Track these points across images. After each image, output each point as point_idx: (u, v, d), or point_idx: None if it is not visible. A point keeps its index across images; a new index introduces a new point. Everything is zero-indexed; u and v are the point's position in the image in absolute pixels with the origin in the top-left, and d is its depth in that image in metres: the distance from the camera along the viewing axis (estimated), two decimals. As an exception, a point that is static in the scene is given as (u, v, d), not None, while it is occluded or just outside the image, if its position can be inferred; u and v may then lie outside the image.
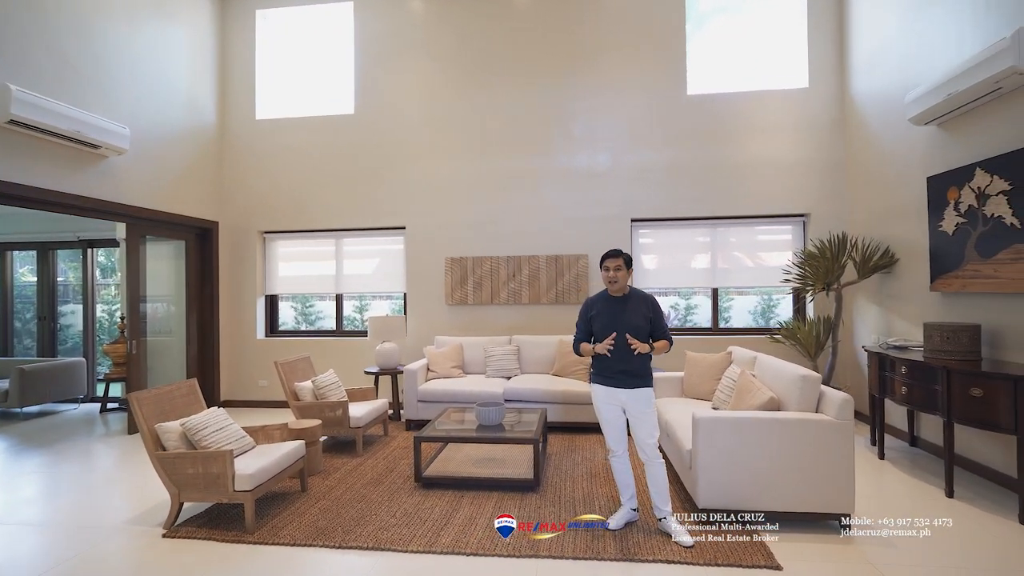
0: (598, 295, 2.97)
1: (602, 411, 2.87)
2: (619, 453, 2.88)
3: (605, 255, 2.87)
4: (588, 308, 2.94)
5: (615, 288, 2.85)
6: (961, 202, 3.57)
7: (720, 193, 5.37)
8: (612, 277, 2.82)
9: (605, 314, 2.85)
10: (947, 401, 3.17)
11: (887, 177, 4.47)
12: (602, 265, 2.86)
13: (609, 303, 2.88)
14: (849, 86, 5.06)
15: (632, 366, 2.77)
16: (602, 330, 2.82)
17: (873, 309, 4.74)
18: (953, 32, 3.66)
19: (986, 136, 3.39)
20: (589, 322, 2.91)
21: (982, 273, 3.41)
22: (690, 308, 6.30)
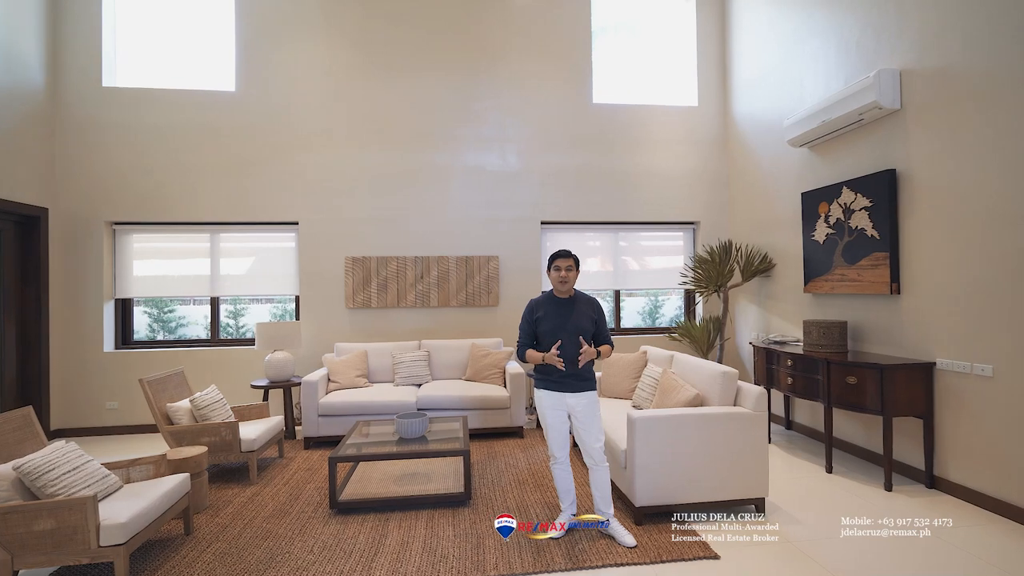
0: (543, 297, 2.88)
1: (548, 417, 2.79)
2: (562, 460, 2.82)
3: (555, 255, 2.79)
4: (533, 310, 2.83)
5: (565, 289, 2.79)
6: (830, 215, 4.11)
7: (622, 199, 5.63)
8: (564, 277, 2.76)
9: (552, 316, 2.76)
10: (827, 389, 3.62)
11: (767, 191, 5.04)
12: (552, 265, 2.79)
13: (556, 305, 2.80)
14: (732, 107, 5.62)
15: (580, 369, 2.73)
16: (549, 333, 2.74)
17: (753, 309, 5.30)
18: (823, 68, 4.22)
19: (851, 159, 3.95)
20: (534, 324, 2.80)
21: (848, 277, 3.96)
22: None
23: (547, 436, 2.83)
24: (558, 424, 2.78)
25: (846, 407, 3.52)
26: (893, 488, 3.33)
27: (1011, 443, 2.88)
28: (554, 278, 2.78)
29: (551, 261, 2.80)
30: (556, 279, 2.77)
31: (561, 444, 2.80)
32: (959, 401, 3.17)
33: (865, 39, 3.79)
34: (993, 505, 2.97)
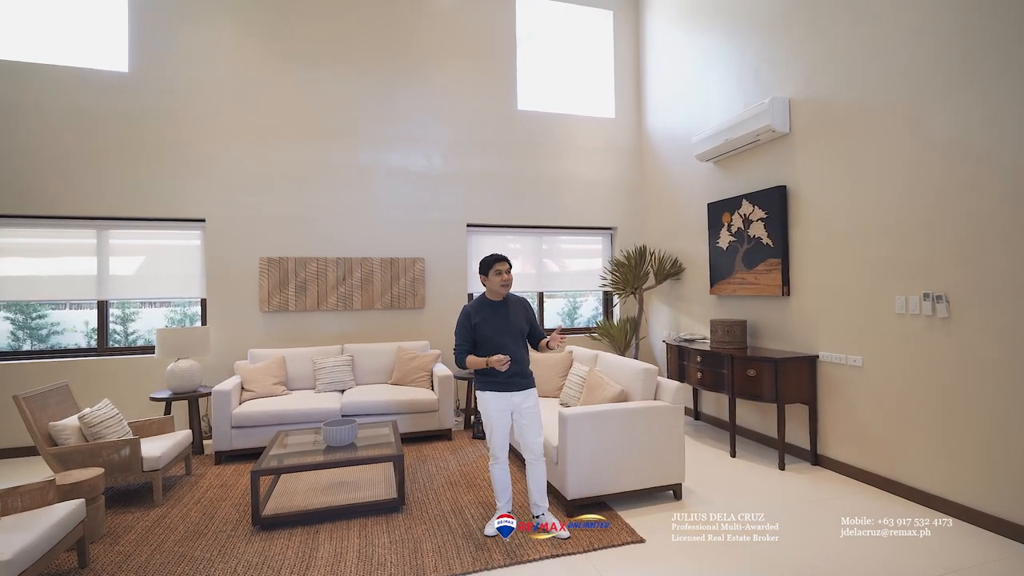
0: (475, 302, 2.92)
1: (494, 419, 2.82)
2: (502, 460, 2.88)
3: (495, 258, 2.86)
4: (469, 316, 2.85)
5: (506, 292, 2.85)
6: (732, 224, 4.56)
7: (545, 204, 5.82)
8: (507, 280, 2.84)
9: (490, 320, 2.82)
10: (731, 381, 4.01)
11: (677, 200, 5.46)
12: (492, 269, 2.84)
13: (491, 309, 2.87)
14: (646, 121, 6.02)
15: (524, 367, 2.83)
16: (490, 336, 2.79)
17: (665, 309, 5.72)
18: (726, 91, 4.66)
19: (750, 175, 4.41)
20: (472, 330, 2.83)
21: (747, 280, 4.41)
22: None
23: (491, 438, 2.85)
24: (503, 424, 2.84)
25: (747, 397, 3.92)
26: (786, 467, 3.76)
27: (875, 423, 3.38)
28: (495, 282, 2.83)
29: (490, 264, 2.84)
30: (498, 283, 2.82)
31: (503, 445, 2.87)
32: (837, 388, 3.66)
33: (762, 69, 4.25)
34: (861, 475, 3.46)
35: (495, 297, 2.88)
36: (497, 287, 2.83)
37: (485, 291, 2.93)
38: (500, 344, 2.78)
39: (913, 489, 3.15)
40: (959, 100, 2.88)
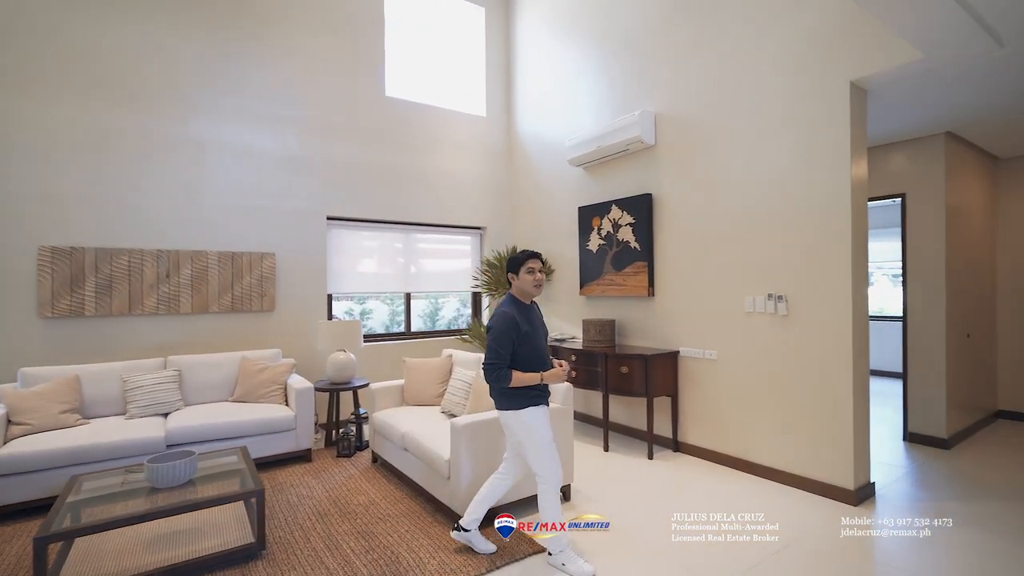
0: (514, 307, 2.48)
1: (548, 434, 2.48)
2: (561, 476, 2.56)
3: (526, 255, 2.50)
4: (517, 325, 2.40)
5: (537, 293, 2.55)
6: (602, 228, 4.78)
7: (415, 199, 5.48)
8: (540, 280, 2.51)
9: (532, 328, 2.48)
10: (605, 379, 4.17)
11: (548, 202, 5.57)
12: (524, 267, 2.48)
13: (527, 314, 2.51)
14: (516, 123, 6.05)
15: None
16: (539, 348, 2.47)
17: (534, 310, 5.79)
18: (596, 100, 4.88)
19: (619, 182, 4.65)
20: (520, 341, 2.41)
21: (615, 282, 4.65)
22: (365, 312, 6.17)
23: (549, 458, 2.45)
24: (552, 437, 2.51)
25: (620, 393, 4.11)
26: (654, 456, 4.02)
27: (728, 409, 3.78)
28: (527, 281, 2.48)
29: (521, 262, 2.49)
30: (531, 282, 2.49)
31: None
32: (695, 380, 4.02)
33: (630, 82, 4.52)
34: (717, 457, 3.85)
35: (525, 300, 2.55)
36: (529, 287, 2.50)
37: (512, 293, 2.55)
38: (544, 357, 2.49)
39: (759, 465, 3.58)
40: (789, 132, 3.34)
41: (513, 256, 2.54)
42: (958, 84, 3.24)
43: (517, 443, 2.51)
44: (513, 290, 2.54)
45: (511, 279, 2.53)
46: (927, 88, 3.28)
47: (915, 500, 3.20)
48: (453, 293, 6.19)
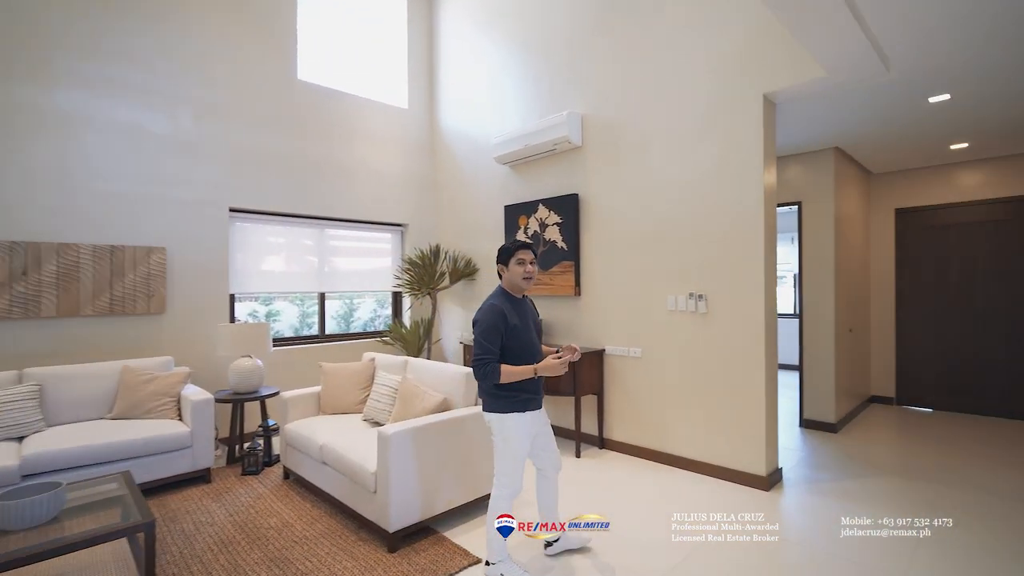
0: (502, 300, 2.33)
1: (520, 445, 2.32)
2: (518, 490, 2.38)
3: (517, 246, 2.35)
4: (504, 317, 2.25)
5: (527, 286, 2.40)
6: (529, 228, 4.75)
7: (331, 193, 5.12)
8: (531, 272, 2.36)
9: (522, 322, 2.33)
10: (533, 379, 4.13)
11: (473, 200, 5.45)
12: (514, 257, 2.34)
13: (517, 307, 2.36)
14: (440, 117, 5.86)
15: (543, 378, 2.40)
16: (529, 343, 2.33)
17: (458, 310, 5.64)
18: (523, 99, 4.84)
19: (546, 181, 4.65)
20: (507, 335, 2.26)
21: (542, 282, 4.64)
22: (272, 313, 5.68)
23: (513, 469, 2.32)
24: (526, 451, 2.38)
25: (548, 393, 4.08)
26: (581, 455, 4.05)
27: (651, 405, 3.90)
28: (517, 273, 2.34)
29: (511, 253, 2.34)
30: (520, 274, 2.34)
31: (522, 474, 2.38)
32: (620, 378, 4.11)
33: (557, 83, 4.53)
34: (641, 452, 3.96)
35: (516, 293, 2.40)
36: (519, 280, 2.35)
37: (502, 286, 2.41)
38: (536, 352, 2.36)
39: (680, 457, 3.72)
40: (709, 139, 3.52)
41: (503, 246, 2.40)
42: (846, 104, 3.59)
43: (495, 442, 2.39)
44: (503, 283, 2.42)
45: (500, 271, 2.41)
46: (822, 106, 3.60)
47: (815, 482, 3.49)
48: (369, 293, 5.87)
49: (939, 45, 2.72)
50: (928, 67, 2.98)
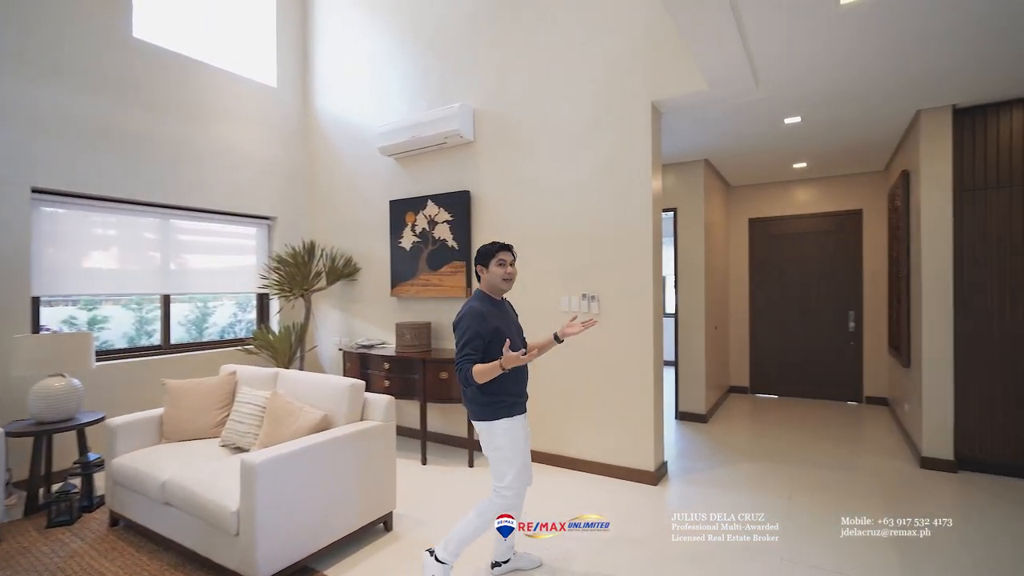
0: (482, 302, 2.26)
1: (521, 449, 2.23)
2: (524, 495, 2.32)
3: (497, 247, 2.30)
4: (485, 319, 2.18)
5: (508, 288, 2.32)
6: (417, 225, 4.45)
7: (179, 177, 4.33)
8: (511, 274, 2.30)
9: (504, 324, 2.26)
10: (424, 386, 3.86)
11: (354, 194, 4.98)
12: (494, 259, 2.28)
13: (498, 309, 2.30)
14: (315, 101, 5.29)
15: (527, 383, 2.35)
16: (514, 346, 2.19)
17: (337, 314, 5.13)
18: (411, 88, 4.53)
19: (435, 176, 4.39)
20: (488, 337, 2.16)
21: (431, 282, 4.38)
22: (97, 320, 4.69)
23: (514, 478, 2.21)
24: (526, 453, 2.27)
25: (439, 401, 3.85)
26: (474, 464, 3.86)
27: (547, 408, 3.84)
28: (497, 275, 2.28)
29: (491, 254, 2.28)
30: (500, 276, 2.28)
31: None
32: (513, 381, 4.00)
33: (448, 74, 4.31)
34: (535, 456, 3.87)
35: (495, 295, 2.33)
36: (499, 282, 2.29)
37: (481, 288, 2.34)
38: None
39: (575, 459, 3.72)
40: (602, 142, 3.56)
41: (483, 247, 2.32)
42: (717, 120, 3.87)
43: (484, 449, 2.27)
44: (482, 285, 2.34)
45: (480, 272, 2.32)
46: (698, 119, 3.84)
47: (695, 471, 3.70)
48: (229, 295, 5.11)
49: (800, 69, 3.01)
50: (789, 90, 3.31)
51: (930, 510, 2.99)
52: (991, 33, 2.61)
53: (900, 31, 2.59)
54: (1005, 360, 3.47)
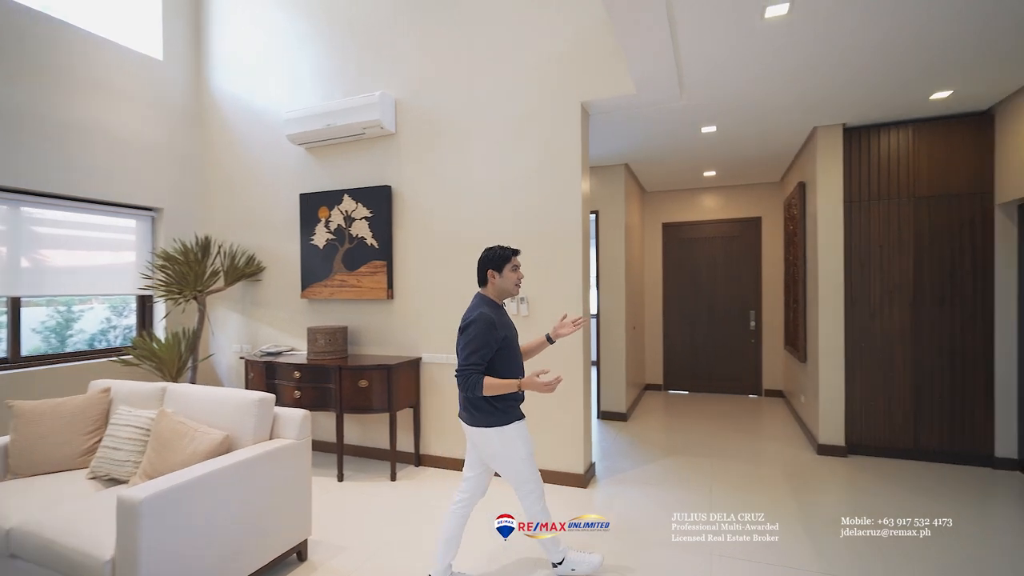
0: (492, 308, 2.21)
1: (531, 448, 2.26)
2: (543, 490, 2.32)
3: (512, 251, 2.26)
4: (494, 326, 2.14)
5: (516, 293, 2.31)
6: (331, 221, 4.10)
7: (35, 157, 3.63)
8: (521, 278, 2.30)
9: (510, 332, 2.23)
10: (340, 396, 3.55)
11: (257, 184, 4.49)
12: (509, 264, 2.25)
13: (503, 317, 2.25)
14: (211, 77, 4.71)
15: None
16: (517, 354, 2.25)
17: (236, 318, 4.60)
18: (326, 72, 4.16)
19: (354, 169, 4.07)
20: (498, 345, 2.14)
21: (348, 283, 4.05)
22: None
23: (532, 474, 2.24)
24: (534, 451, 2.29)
25: (358, 411, 3.56)
26: (397, 477, 3.61)
27: (473, 413, 3.70)
28: (511, 280, 2.26)
29: (507, 258, 2.24)
30: (514, 281, 2.27)
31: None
32: (438, 388, 3.81)
33: (367, 61, 4.01)
34: (461, 465, 3.71)
35: (499, 300, 2.30)
36: (511, 287, 2.27)
37: (485, 293, 2.28)
38: (521, 363, 2.29)
39: (502, 466, 3.60)
40: (532, 142, 3.49)
41: (498, 252, 2.25)
42: (639, 125, 3.95)
43: (490, 457, 2.23)
44: (488, 290, 2.28)
45: (491, 277, 2.24)
46: (622, 124, 3.90)
47: (621, 471, 3.74)
48: (102, 298, 4.40)
49: (721, 79, 3.13)
50: (708, 99, 3.44)
51: (831, 493, 3.25)
52: (876, 63, 2.88)
53: (805, 53, 2.77)
54: (884, 353, 3.88)
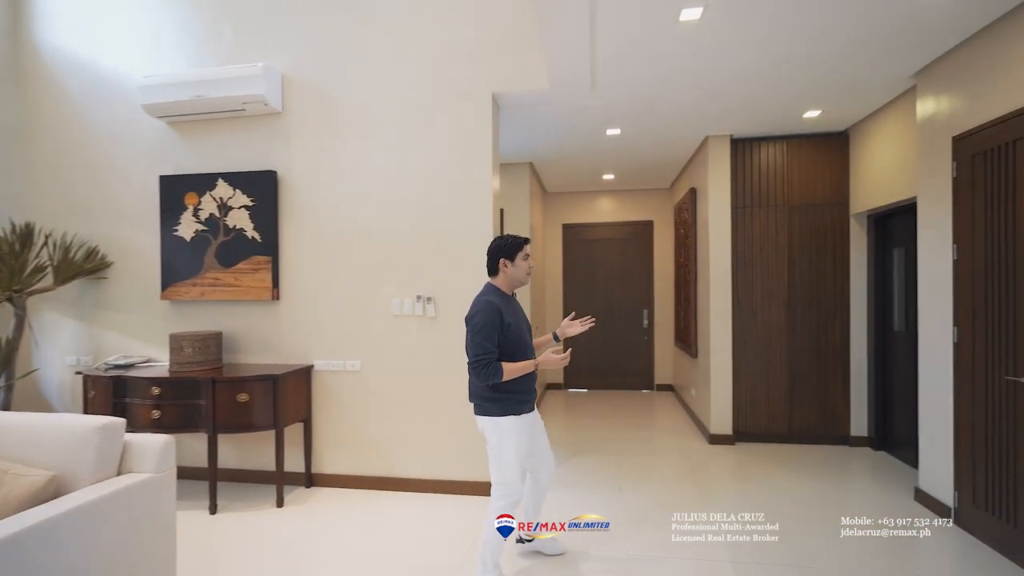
0: (495, 296, 2.20)
1: (523, 450, 2.20)
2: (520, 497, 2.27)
3: (524, 240, 2.28)
4: (501, 314, 2.14)
5: (526, 282, 2.33)
6: (202, 209, 3.51)
7: None
8: (532, 267, 2.33)
9: (516, 320, 2.22)
10: (213, 413, 3.03)
11: (101, 163, 3.71)
12: (521, 252, 2.26)
13: (511, 305, 2.25)
14: (33, 28, 3.81)
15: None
16: (523, 342, 2.22)
17: (72, 324, 3.77)
18: (193, 34, 3.56)
19: (230, 150, 3.52)
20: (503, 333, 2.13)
21: (223, 281, 3.50)
22: None
23: (513, 477, 2.19)
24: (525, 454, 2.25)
25: (237, 429, 3.07)
26: (284, 503, 3.17)
27: (372, 425, 3.38)
28: (522, 269, 2.28)
29: (519, 247, 2.26)
30: (525, 270, 2.28)
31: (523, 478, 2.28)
32: (334, 397, 3.43)
33: (247, 27, 3.50)
34: (360, 482, 3.38)
35: (509, 290, 2.29)
36: (523, 276, 2.28)
37: (494, 283, 2.29)
38: (529, 351, 2.25)
39: (406, 479, 3.33)
40: (441, 132, 3.28)
41: (510, 241, 2.27)
42: (546, 123, 3.92)
43: (488, 446, 2.23)
44: (498, 280, 2.30)
45: (503, 266, 2.27)
46: (530, 120, 3.83)
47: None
48: None
49: (631, 80, 3.17)
50: (617, 99, 3.48)
51: (724, 479, 3.46)
52: (763, 78, 3.11)
53: (708, 60, 2.90)
54: (764, 349, 4.25)
